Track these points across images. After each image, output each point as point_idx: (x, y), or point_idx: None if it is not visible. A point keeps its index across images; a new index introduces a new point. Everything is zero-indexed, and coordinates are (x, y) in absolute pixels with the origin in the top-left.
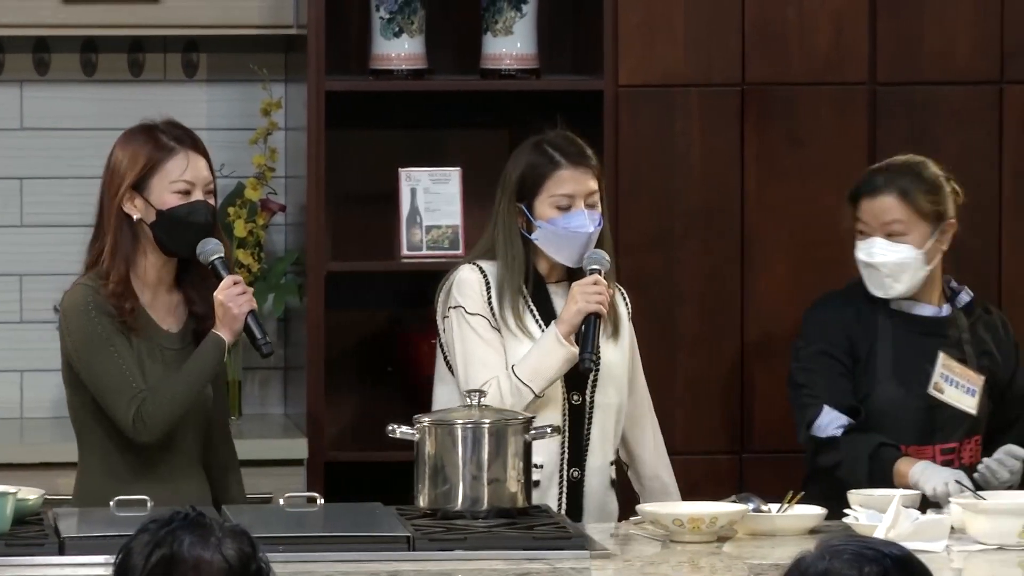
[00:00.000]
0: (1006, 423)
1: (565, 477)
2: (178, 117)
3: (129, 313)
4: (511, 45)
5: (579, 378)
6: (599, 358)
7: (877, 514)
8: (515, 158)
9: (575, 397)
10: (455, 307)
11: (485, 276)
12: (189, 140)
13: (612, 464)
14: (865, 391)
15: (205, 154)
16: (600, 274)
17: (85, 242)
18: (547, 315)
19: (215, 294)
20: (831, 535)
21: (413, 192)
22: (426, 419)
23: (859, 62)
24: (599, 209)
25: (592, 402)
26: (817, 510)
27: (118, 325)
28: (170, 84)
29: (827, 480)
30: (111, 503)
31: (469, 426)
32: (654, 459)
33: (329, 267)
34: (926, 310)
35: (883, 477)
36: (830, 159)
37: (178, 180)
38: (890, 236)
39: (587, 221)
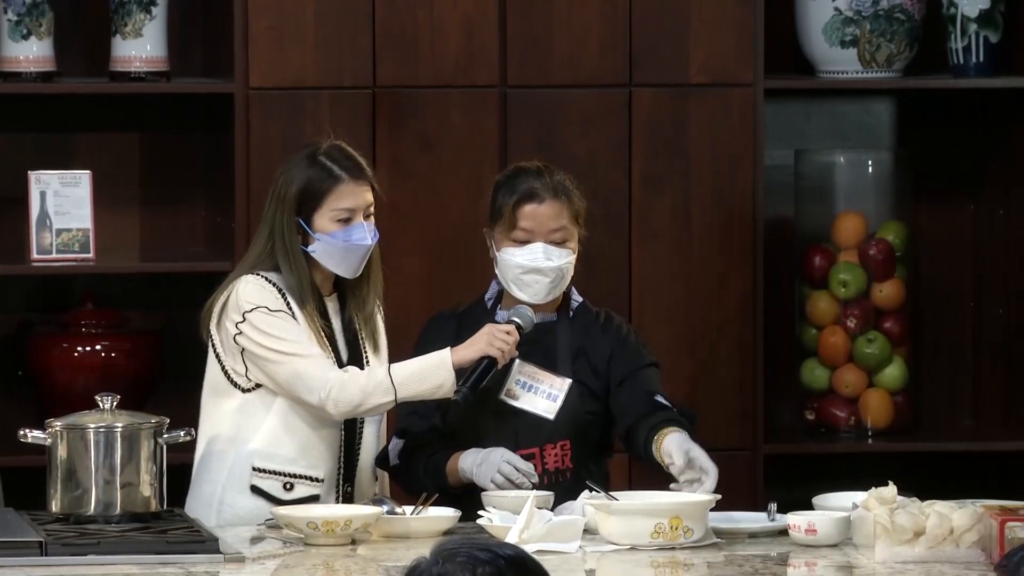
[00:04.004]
0: (623, 430)
1: (340, 492)
2: None
3: None
4: (141, 48)
5: None
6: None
7: (511, 515)
8: (290, 172)
9: None
10: (253, 310)
11: (275, 285)
12: None
13: (376, 481)
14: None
15: None
16: (518, 330)
17: None
18: (327, 325)
19: None
20: (446, 539)
21: (43, 195)
22: (58, 423)
23: (490, 65)
24: (372, 221)
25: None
26: (450, 512)
27: None
28: None
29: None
30: None
31: (102, 430)
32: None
33: None
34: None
35: (446, 487)
36: (461, 161)
37: None
38: (554, 242)
39: (366, 234)
